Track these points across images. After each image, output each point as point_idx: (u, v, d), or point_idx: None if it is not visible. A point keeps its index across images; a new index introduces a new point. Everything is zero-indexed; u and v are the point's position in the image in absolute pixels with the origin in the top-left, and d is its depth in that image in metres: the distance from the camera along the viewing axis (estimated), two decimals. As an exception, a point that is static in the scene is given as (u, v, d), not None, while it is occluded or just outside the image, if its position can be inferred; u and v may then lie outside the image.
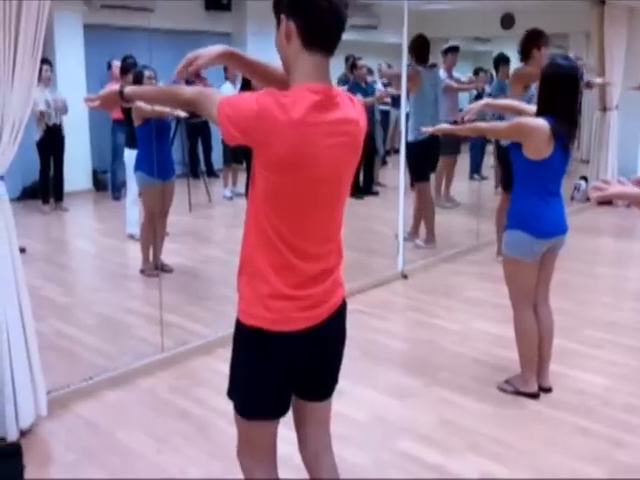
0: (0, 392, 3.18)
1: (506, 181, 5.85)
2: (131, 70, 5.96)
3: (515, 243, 3.57)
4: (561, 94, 3.42)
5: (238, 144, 1.84)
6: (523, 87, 5.63)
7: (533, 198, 3.50)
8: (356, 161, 1.99)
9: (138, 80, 5.51)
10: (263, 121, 1.75)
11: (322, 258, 1.97)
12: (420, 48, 6.42)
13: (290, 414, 2.13)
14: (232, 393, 2.07)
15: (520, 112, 3.84)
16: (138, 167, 5.68)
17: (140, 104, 5.30)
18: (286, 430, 2.18)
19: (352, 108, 1.93)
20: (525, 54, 5.62)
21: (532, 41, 5.60)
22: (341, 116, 1.88)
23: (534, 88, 5.66)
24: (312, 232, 1.93)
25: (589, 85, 7.37)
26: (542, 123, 3.38)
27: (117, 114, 8.03)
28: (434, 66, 6.86)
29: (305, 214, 1.89)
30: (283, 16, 1.83)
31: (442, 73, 7.56)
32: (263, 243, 1.90)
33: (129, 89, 2.15)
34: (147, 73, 5.48)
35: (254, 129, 1.77)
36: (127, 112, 5.78)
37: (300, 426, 2.21)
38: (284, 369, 1.98)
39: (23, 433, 3.28)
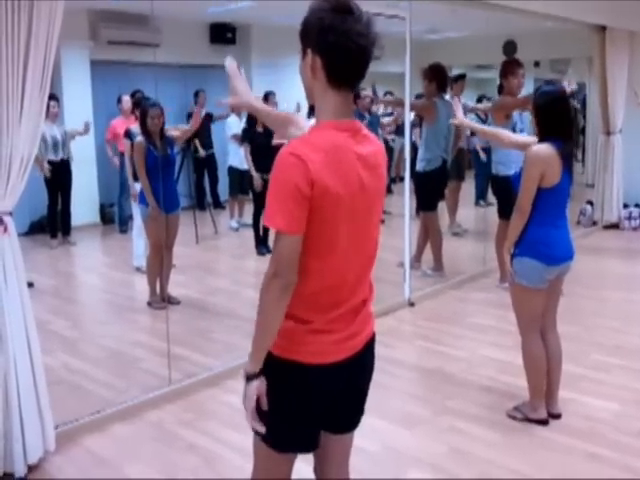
0: (8, 428, 3.18)
1: (502, 209, 5.92)
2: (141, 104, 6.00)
3: (525, 270, 3.54)
4: (555, 117, 3.47)
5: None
6: (504, 117, 5.85)
7: (543, 225, 3.50)
8: (385, 186, 2.03)
9: (142, 117, 5.56)
10: (311, 182, 1.74)
11: (360, 287, 1.98)
12: (441, 76, 6.54)
13: None
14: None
15: (506, 143, 3.99)
16: (142, 200, 5.73)
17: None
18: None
19: (375, 140, 1.98)
20: (500, 86, 6.04)
21: (501, 73, 5.98)
22: (372, 149, 1.93)
23: (518, 116, 5.87)
24: (354, 258, 1.92)
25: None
26: (552, 150, 3.41)
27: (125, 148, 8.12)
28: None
29: (348, 242, 1.89)
30: (309, 50, 1.82)
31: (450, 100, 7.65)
32: (303, 286, 1.86)
33: None
34: (152, 111, 5.50)
35: (310, 195, 1.75)
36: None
37: (320, 460, 2.17)
38: (321, 401, 1.97)
39: (31, 468, 3.28)
